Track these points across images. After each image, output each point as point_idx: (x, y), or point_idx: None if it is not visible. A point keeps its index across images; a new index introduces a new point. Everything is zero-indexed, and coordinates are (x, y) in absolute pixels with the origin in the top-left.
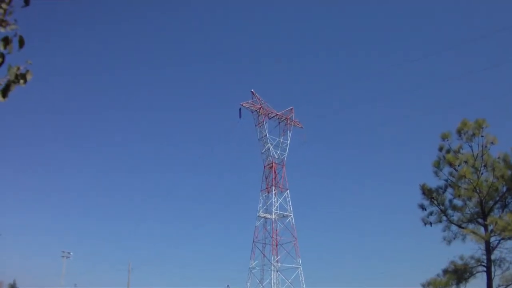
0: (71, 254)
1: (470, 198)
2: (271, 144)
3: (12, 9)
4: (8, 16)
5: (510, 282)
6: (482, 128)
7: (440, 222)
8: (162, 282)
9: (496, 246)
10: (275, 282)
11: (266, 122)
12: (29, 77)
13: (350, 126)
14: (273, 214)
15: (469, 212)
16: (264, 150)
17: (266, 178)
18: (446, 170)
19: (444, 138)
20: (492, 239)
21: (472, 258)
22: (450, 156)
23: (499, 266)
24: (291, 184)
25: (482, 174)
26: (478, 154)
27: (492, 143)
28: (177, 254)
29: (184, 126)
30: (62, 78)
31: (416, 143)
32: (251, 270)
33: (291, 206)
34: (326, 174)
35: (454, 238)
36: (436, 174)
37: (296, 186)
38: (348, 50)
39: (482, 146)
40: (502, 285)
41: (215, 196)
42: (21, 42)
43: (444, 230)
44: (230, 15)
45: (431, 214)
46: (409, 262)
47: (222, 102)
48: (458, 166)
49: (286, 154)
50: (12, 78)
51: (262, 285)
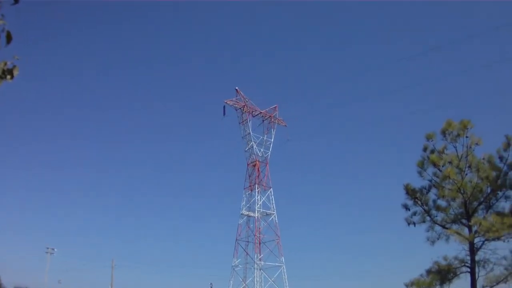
0: (55, 250)
1: (454, 199)
2: (255, 142)
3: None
4: None
5: (494, 283)
6: (467, 128)
7: (423, 222)
8: (144, 280)
9: (480, 247)
10: (258, 280)
11: (250, 120)
12: (15, 72)
13: (334, 124)
14: (256, 212)
15: (453, 212)
16: (247, 148)
17: (250, 176)
18: (430, 170)
19: (428, 138)
20: (476, 240)
21: (456, 258)
22: (434, 156)
23: (483, 267)
24: (275, 182)
25: (467, 175)
26: (462, 154)
27: (477, 144)
28: (159, 252)
29: (167, 123)
30: (52, 74)
31: (401, 142)
32: (234, 268)
33: (275, 205)
34: (309, 172)
35: (438, 239)
36: (420, 174)
37: (279, 185)
38: (333, 48)
39: (467, 147)
40: (486, 286)
41: (198, 193)
42: (8, 38)
43: (427, 230)
44: (214, 12)
45: (415, 214)
46: (393, 261)
47: (206, 99)
48: (443, 166)
49: (270, 152)
50: None
51: (245, 283)
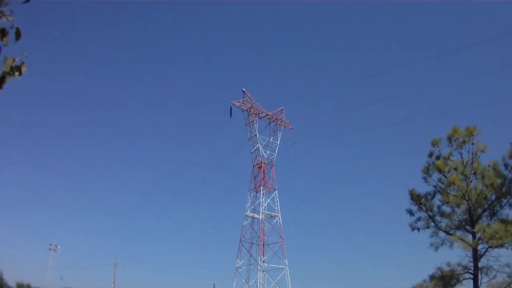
0: (58, 247)
1: (458, 205)
2: (261, 144)
3: (8, 0)
4: (4, 7)
5: None
6: (473, 135)
7: (428, 228)
8: (148, 280)
9: (483, 254)
10: (261, 282)
11: (256, 122)
12: (24, 69)
13: (340, 128)
14: (260, 214)
15: (457, 219)
16: (253, 150)
17: (255, 178)
18: (435, 176)
19: (434, 144)
20: (479, 247)
21: (459, 265)
22: (439, 162)
23: (486, 274)
24: (280, 184)
25: (472, 181)
26: (468, 161)
27: (482, 151)
28: (163, 251)
29: (173, 124)
30: (58, 73)
31: (407, 147)
32: (237, 270)
33: (279, 207)
34: (315, 175)
35: (442, 245)
36: (425, 180)
37: (284, 187)
38: (341, 51)
39: (472, 154)
40: None
41: (203, 194)
42: (17, 34)
43: (431, 236)
44: (222, 14)
45: (419, 219)
46: (396, 266)
47: (213, 100)
48: (448, 172)
49: (276, 155)
50: (7, 70)
51: (248, 284)
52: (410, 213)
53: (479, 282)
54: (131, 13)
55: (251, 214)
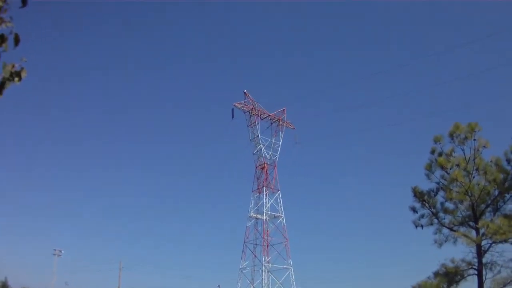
0: (63, 252)
1: (461, 201)
2: (263, 144)
3: (7, 6)
4: (3, 13)
5: (502, 286)
6: (475, 131)
7: (431, 225)
8: (152, 282)
9: (487, 250)
10: (266, 283)
11: (258, 123)
12: (23, 75)
13: (342, 128)
14: (264, 214)
15: (460, 215)
16: (256, 151)
17: (258, 179)
18: (438, 173)
19: (436, 141)
20: (483, 243)
21: (463, 261)
22: (442, 159)
23: (490, 269)
24: (283, 185)
25: (474, 177)
26: (470, 157)
27: (484, 147)
28: (167, 254)
29: (175, 125)
30: (59, 75)
31: (408, 145)
32: (242, 271)
33: (282, 207)
34: (317, 175)
35: (446, 241)
36: (428, 177)
37: (287, 187)
38: (342, 52)
39: (474, 150)
40: None
41: (207, 195)
42: (16, 40)
43: (435, 233)
44: (223, 15)
45: (423, 216)
46: (400, 264)
47: (214, 102)
48: (450, 169)
49: (278, 155)
50: (6, 75)
51: (252, 285)
52: (414, 210)
53: (484, 277)
54: (131, 13)
55: (255, 215)
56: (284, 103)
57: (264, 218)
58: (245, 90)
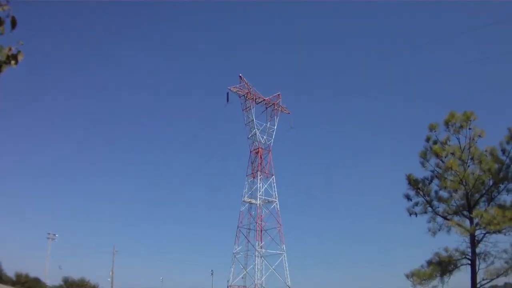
0: (57, 235)
1: (456, 190)
2: (258, 129)
3: None
4: None
5: (494, 277)
6: (470, 120)
7: (425, 213)
8: (145, 266)
9: (481, 240)
10: (259, 268)
11: (253, 107)
12: (20, 58)
13: (338, 113)
14: (258, 199)
15: (454, 204)
16: (250, 135)
17: (252, 163)
18: (433, 161)
19: (431, 129)
20: (477, 233)
21: (456, 250)
22: (437, 147)
23: (484, 259)
24: (277, 170)
25: (469, 166)
26: (465, 146)
27: (479, 136)
28: (161, 238)
29: (170, 109)
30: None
31: (404, 133)
32: (235, 255)
33: (276, 192)
34: (312, 161)
35: (439, 230)
36: (422, 164)
37: (282, 172)
38: (338, 38)
39: (470, 139)
40: (486, 279)
41: (200, 179)
42: (13, 23)
43: (429, 221)
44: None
45: (417, 204)
46: (394, 251)
47: (210, 86)
48: (445, 157)
49: (273, 140)
50: (3, 59)
51: (246, 270)
52: (408, 198)
53: (477, 268)
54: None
55: (249, 200)
56: (279, 88)
57: (258, 203)
58: (240, 74)
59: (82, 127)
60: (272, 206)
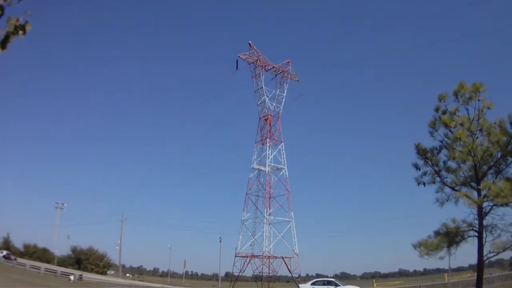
0: (65, 205)
1: (464, 161)
2: (267, 96)
3: None
4: None
5: (501, 250)
6: (479, 92)
7: (433, 183)
8: (154, 234)
9: (488, 212)
10: (267, 235)
11: (262, 74)
12: (28, 28)
13: (347, 81)
14: (267, 166)
15: (462, 175)
16: (260, 102)
17: (261, 130)
18: (442, 131)
19: (440, 99)
20: (484, 205)
21: (464, 222)
22: (446, 117)
23: (491, 232)
24: (286, 137)
25: (477, 138)
26: (474, 117)
27: (488, 108)
28: (170, 205)
29: (181, 76)
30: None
31: (413, 102)
32: (244, 223)
33: (285, 159)
34: (321, 128)
35: (447, 200)
36: (431, 134)
37: (290, 139)
38: (349, 5)
39: (479, 110)
40: (493, 252)
41: (210, 146)
42: None
43: (437, 191)
44: None
45: (425, 174)
46: (402, 218)
47: (219, 53)
48: (454, 128)
49: (282, 107)
50: (11, 29)
51: (254, 237)
52: (416, 167)
53: (484, 240)
54: None
55: (258, 167)
56: (289, 55)
57: (266, 169)
58: (250, 42)
59: (87, 94)
60: (280, 173)
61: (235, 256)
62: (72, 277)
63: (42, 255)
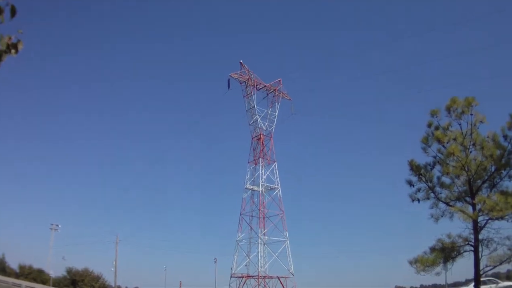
0: (59, 226)
1: (458, 176)
2: (259, 115)
3: None
4: None
5: (498, 263)
6: (472, 106)
7: (428, 199)
8: (148, 255)
9: (483, 226)
10: (262, 255)
11: (254, 94)
12: (20, 47)
13: (339, 99)
14: (260, 186)
15: (457, 190)
16: (252, 122)
17: (254, 150)
18: (435, 146)
19: (433, 114)
20: (480, 219)
21: (459, 236)
22: (438, 132)
23: (487, 246)
24: (279, 156)
25: (471, 152)
26: (467, 132)
27: (481, 122)
28: (164, 226)
29: (172, 96)
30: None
31: (406, 119)
32: (238, 243)
33: (279, 179)
34: (313, 147)
35: (442, 216)
36: (424, 150)
37: (283, 159)
38: (339, 25)
39: (471, 125)
40: (490, 265)
41: (202, 167)
42: (12, 12)
43: (431, 207)
44: None
45: (419, 190)
46: (397, 238)
47: (211, 72)
48: (447, 143)
49: (274, 126)
50: (3, 48)
51: (249, 257)
52: (410, 184)
53: (480, 254)
54: None
55: (251, 187)
56: (280, 74)
57: (260, 189)
58: (241, 61)
59: (83, 116)
60: (274, 193)
61: (231, 276)
62: None
63: (38, 276)
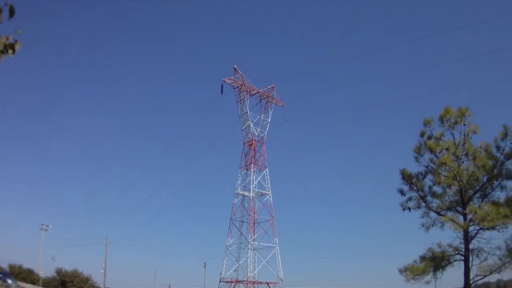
0: (50, 227)
1: (450, 186)
2: (252, 121)
3: None
4: None
5: (488, 273)
6: (465, 116)
7: (419, 208)
8: (138, 258)
9: (474, 236)
10: (252, 261)
11: (247, 99)
12: (17, 47)
13: (331, 106)
14: (251, 191)
15: (448, 199)
16: (244, 127)
17: (246, 156)
18: (427, 156)
19: (426, 124)
20: (470, 229)
21: (450, 246)
22: (431, 142)
23: (477, 256)
24: (270, 162)
25: (463, 162)
26: (459, 142)
27: (474, 132)
28: (155, 229)
29: (165, 100)
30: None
31: (398, 126)
32: (228, 248)
33: (270, 185)
34: (305, 153)
35: (433, 225)
36: (416, 159)
37: (275, 165)
38: (333, 31)
39: (464, 135)
40: (480, 275)
41: (194, 171)
42: (11, 12)
43: (422, 216)
44: None
45: (410, 199)
46: (388, 244)
47: (204, 77)
48: (439, 153)
49: (266, 132)
50: (0, 48)
51: (238, 263)
52: (401, 192)
53: (470, 264)
54: None
55: (242, 192)
56: (273, 80)
57: (251, 195)
58: (235, 66)
59: (75, 116)
60: (265, 199)
61: (220, 281)
62: None
63: (27, 276)
